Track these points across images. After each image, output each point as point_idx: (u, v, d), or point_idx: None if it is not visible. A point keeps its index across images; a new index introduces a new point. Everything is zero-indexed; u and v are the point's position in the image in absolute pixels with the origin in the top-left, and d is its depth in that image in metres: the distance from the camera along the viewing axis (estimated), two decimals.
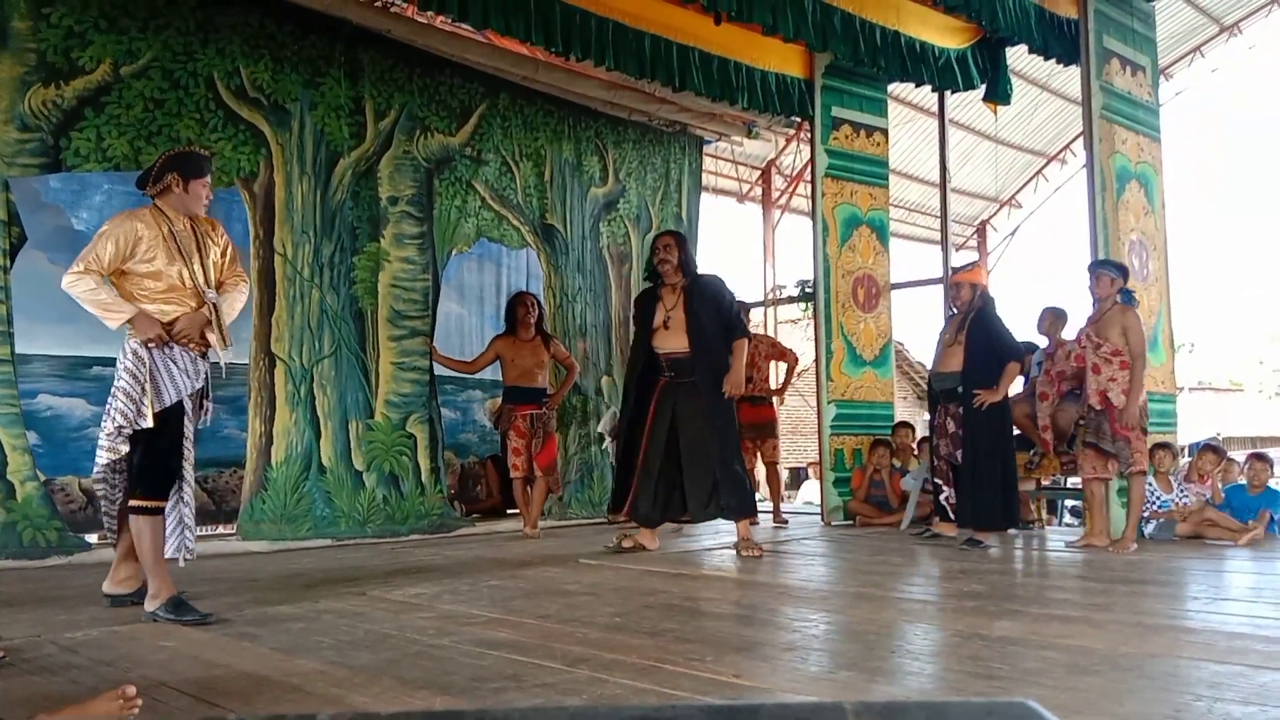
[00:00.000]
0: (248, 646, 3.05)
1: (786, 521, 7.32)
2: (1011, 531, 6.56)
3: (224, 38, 6.12)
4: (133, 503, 3.63)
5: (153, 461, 3.62)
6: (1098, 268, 5.82)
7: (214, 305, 3.75)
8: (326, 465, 6.33)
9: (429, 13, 6.55)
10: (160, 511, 3.65)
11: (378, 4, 6.99)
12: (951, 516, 6.05)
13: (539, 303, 6.89)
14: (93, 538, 5.47)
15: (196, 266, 3.74)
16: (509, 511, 7.50)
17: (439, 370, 7.06)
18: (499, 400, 7.01)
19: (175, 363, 3.64)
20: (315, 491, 6.26)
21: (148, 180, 3.79)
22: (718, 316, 5.41)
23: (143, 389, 3.57)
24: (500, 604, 3.82)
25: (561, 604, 3.79)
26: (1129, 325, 5.59)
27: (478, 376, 7.41)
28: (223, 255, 3.91)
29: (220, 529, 6.56)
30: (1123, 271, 5.81)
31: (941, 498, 6.12)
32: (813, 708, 0.61)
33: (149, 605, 3.56)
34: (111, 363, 3.72)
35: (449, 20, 6.71)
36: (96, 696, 2.27)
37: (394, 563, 5.23)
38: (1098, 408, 5.64)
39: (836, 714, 0.60)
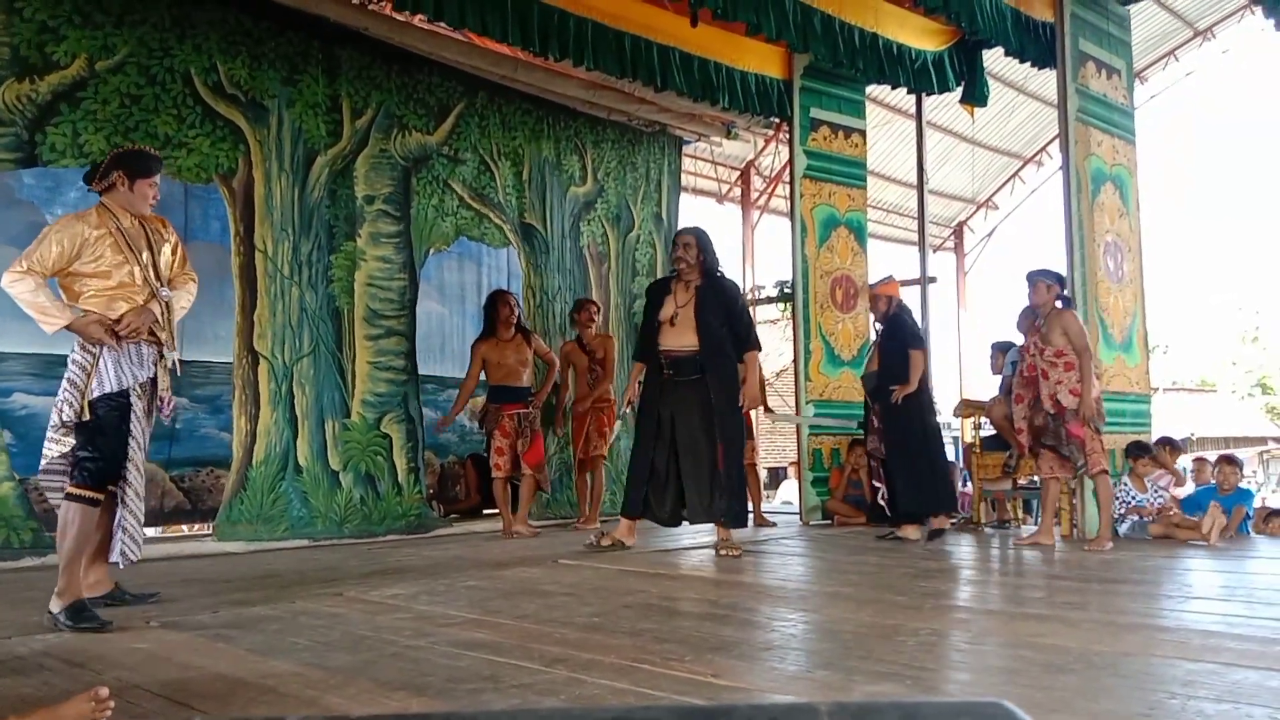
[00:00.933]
0: (223, 648, 3.03)
1: (775, 524, 7.33)
2: (988, 530, 6.62)
3: (200, 34, 6.07)
4: (69, 489, 3.51)
5: (95, 450, 3.51)
6: (1035, 276, 5.86)
7: (166, 302, 3.71)
8: (303, 465, 6.29)
9: (406, 11, 6.52)
10: (95, 504, 3.53)
11: (355, 1, 6.95)
12: (888, 514, 6.30)
13: (517, 301, 6.90)
14: None
15: (147, 263, 3.67)
16: (487, 512, 7.48)
17: (421, 369, 7.04)
18: (482, 400, 6.99)
19: (122, 353, 3.57)
20: (291, 492, 6.22)
21: (94, 177, 3.72)
22: (726, 321, 5.36)
23: (86, 382, 3.51)
24: (478, 605, 3.81)
25: (540, 604, 3.78)
26: (1067, 324, 5.69)
27: (459, 376, 7.38)
28: (173, 253, 3.85)
29: (196, 529, 6.52)
30: (1059, 279, 5.90)
31: (880, 497, 6.38)
32: (786, 708, 0.61)
33: (52, 605, 3.38)
34: None
35: (427, 18, 6.69)
36: (69, 699, 2.25)
37: (371, 563, 5.21)
38: (1050, 411, 5.71)
39: (810, 715, 0.60)
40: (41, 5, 5.46)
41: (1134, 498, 6.18)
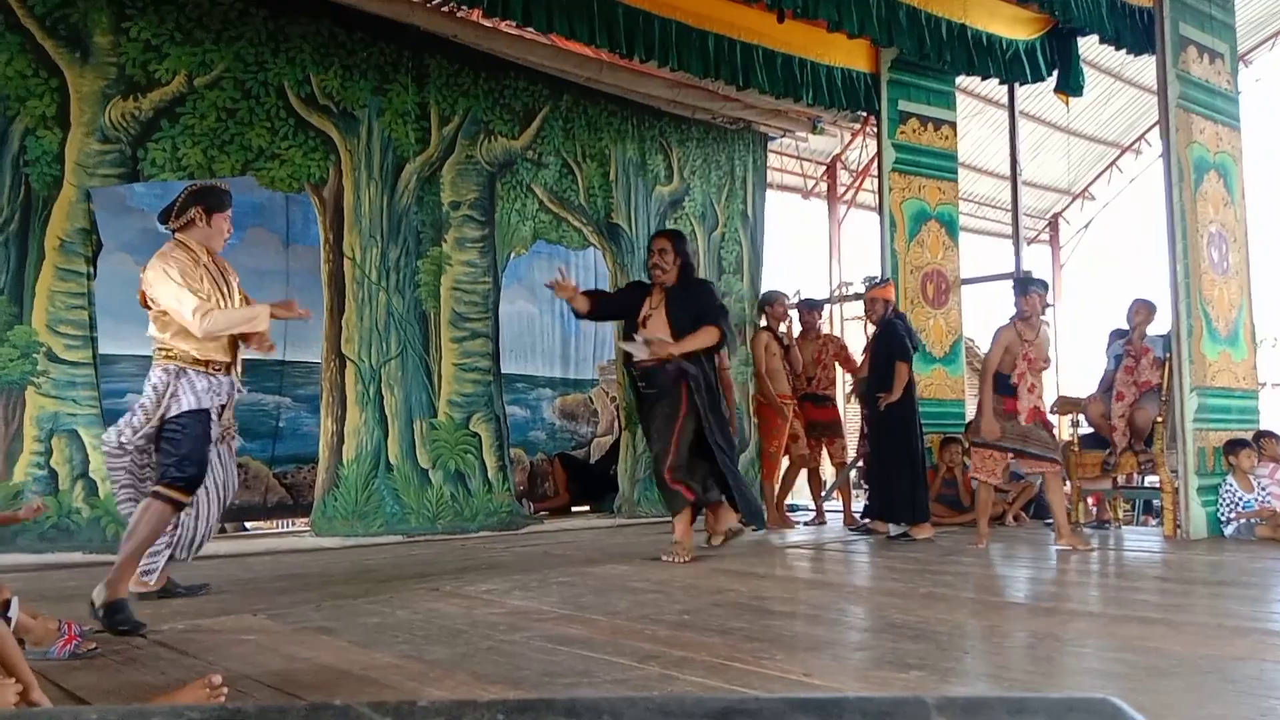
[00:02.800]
0: (326, 640, 3.12)
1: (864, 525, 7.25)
2: (1087, 531, 6.45)
3: (294, 46, 6.24)
4: (157, 487, 3.58)
5: (185, 455, 3.57)
6: (1030, 288, 5.62)
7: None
8: (394, 463, 6.44)
9: (495, 17, 6.62)
10: (178, 506, 3.61)
11: (444, 9, 7.08)
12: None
13: None
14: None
15: (228, 295, 3.75)
16: (575, 509, 7.56)
17: (507, 369, 7.15)
18: (559, 402, 7.08)
19: (197, 382, 3.63)
20: (384, 489, 6.37)
21: (170, 215, 3.75)
22: (696, 322, 4.95)
23: (157, 407, 3.59)
24: (569, 600, 3.86)
25: (630, 601, 3.81)
26: (1046, 339, 5.75)
27: (548, 375, 7.49)
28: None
29: (296, 524, 6.72)
30: (1046, 289, 5.79)
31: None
32: (894, 701, 0.62)
33: (95, 594, 3.35)
34: None
35: (514, 24, 6.78)
36: (184, 686, 2.35)
37: (465, 559, 5.31)
38: (1030, 422, 5.57)
39: (919, 708, 0.61)
40: (146, 25, 5.68)
41: (1240, 499, 5.96)
